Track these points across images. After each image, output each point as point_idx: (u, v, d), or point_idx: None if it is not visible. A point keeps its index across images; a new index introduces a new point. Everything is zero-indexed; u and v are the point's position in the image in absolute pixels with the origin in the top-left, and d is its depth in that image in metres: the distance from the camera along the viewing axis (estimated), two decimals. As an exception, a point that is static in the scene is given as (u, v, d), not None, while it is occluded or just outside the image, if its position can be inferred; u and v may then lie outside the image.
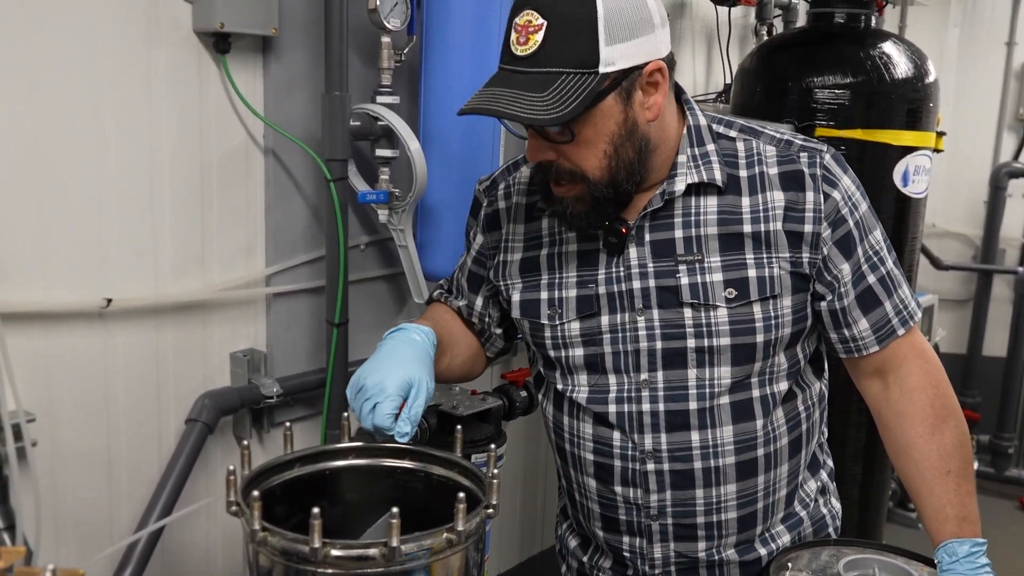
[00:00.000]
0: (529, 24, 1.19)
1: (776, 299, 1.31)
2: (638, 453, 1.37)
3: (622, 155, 1.25)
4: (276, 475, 1.35)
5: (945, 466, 1.32)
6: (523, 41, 1.19)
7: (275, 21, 1.86)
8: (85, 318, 1.74)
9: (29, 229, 1.64)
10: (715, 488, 1.36)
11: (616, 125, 1.23)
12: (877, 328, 1.35)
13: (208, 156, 1.88)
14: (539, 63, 1.18)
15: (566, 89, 1.17)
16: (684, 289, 1.31)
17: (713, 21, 3.30)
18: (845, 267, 1.32)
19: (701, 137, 1.33)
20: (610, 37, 1.18)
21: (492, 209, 1.48)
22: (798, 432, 1.41)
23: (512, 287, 1.44)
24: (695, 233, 1.32)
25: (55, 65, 1.63)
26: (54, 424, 1.72)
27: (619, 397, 1.36)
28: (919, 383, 1.35)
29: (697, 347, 1.32)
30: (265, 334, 2.05)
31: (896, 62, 2.41)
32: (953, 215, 4.75)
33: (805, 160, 1.31)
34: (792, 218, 1.30)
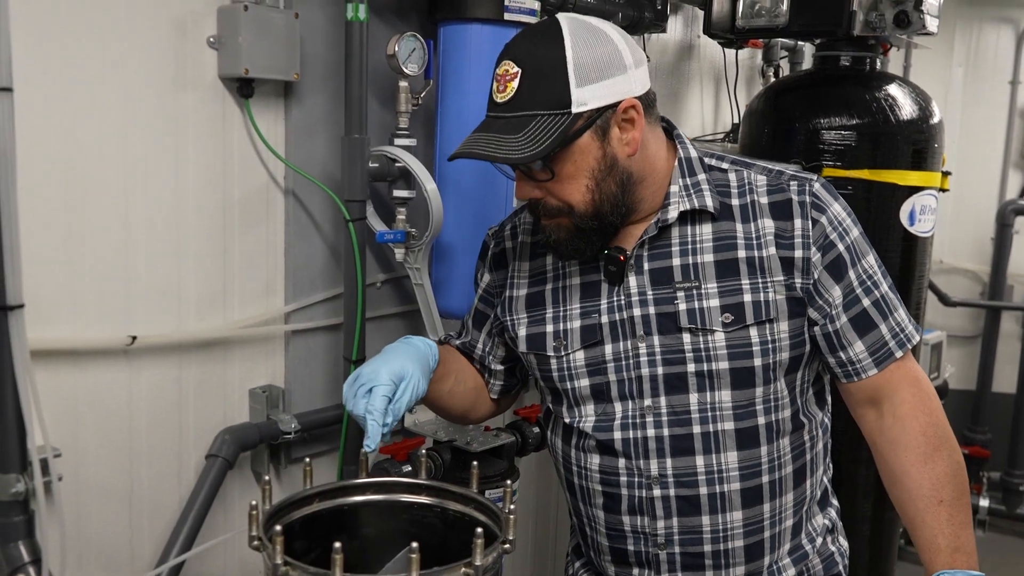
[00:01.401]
0: (507, 73, 1.30)
1: (772, 323, 1.35)
2: (644, 479, 1.40)
3: (604, 189, 1.33)
4: (296, 510, 1.38)
5: (937, 495, 1.34)
6: (502, 89, 1.30)
7: (297, 67, 1.92)
8: (110, 355, 1.78)
9: (58, 267, 1.69)
10: (721, 515, 1.39)
11: (595, 161, 1.31)
12: (874, 351, 1.38)
13: (231, 197, 1.94)
14: (515, 107, 1.28)
15: (540, 129, 1.26)
16: (682, 315, 1.35)
17: (720, 62, 3.37)
18: (836, 291, 1.36)
19: (692, 168, 1.40)
20: (580, 79, 1.27)
21: (499, 249, 1.55)
22: (802, 461, 1.44)
23: (518, 323, 1.49)
24: (692, 260, 1.37)
25: (87, 109, 1.69)
26: (78, 459, 1.75)
27: (623, 424, 1.40)
28: (911, 411, 1.37)
29: (697, 371, 1.36)
30: (283, 371, 2.09)
31: (901, 104, 2.46)
32: (960, 252, 4.79)
33: (795, 188, 1.37)
34: (782, 244, 1.35)
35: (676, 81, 3.25)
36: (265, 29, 1.83)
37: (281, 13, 1.88)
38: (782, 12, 2.48)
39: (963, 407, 4.56)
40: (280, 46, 1.87)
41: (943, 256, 4.71)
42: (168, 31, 1.79)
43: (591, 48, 1.28)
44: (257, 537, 1.25)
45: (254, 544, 1.25)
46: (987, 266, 4.68)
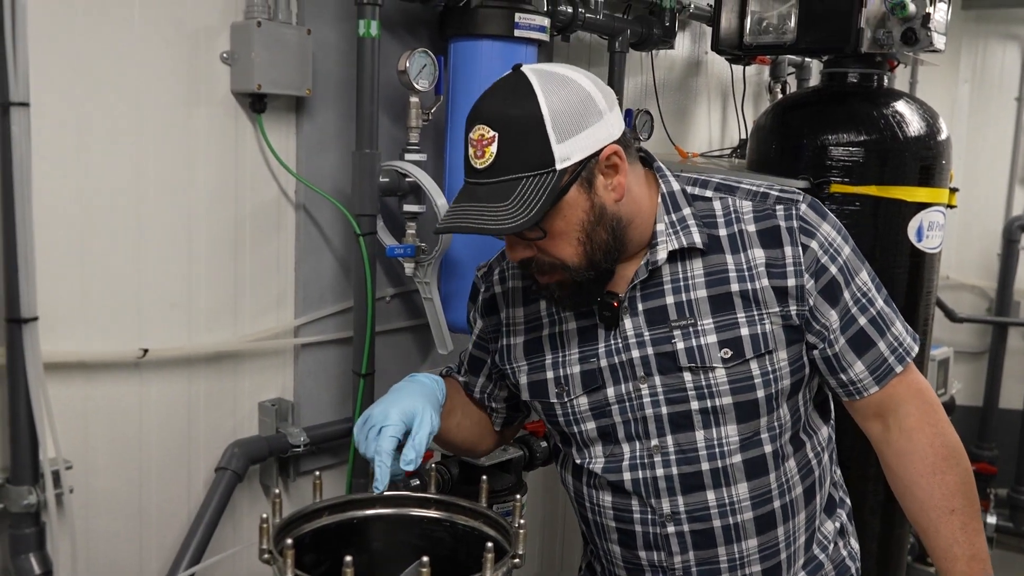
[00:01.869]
0: (482, 138, 1.24)
1: (771, 354, 1.34)
2: (657, 517, 1.39)
3: (596, 239, 1.30)
4: (306, 523, 1.38)
5: (949, 505, 1.34)
6: (480, 155, 1.25)
7: (309, 82, 1.93)
8: (122, 368, 1.79)
9: (71, 280, 1.70)
10: (736, 544, 1.39)
11: (584, 213, 1.28)
12: (874, 369, 1.37)
13: (242, 211, 1.95)
14: (497, 173, 1.23)
15: (527, 193, 1.22)
16: (681, 354, 1.34)
17: (728, 78, 3.39)
18: (832, 315, 1.35)
19: (676, 202, 1.37)
20: (560, 135, 1.23)
21: (489, 294, 1.53)
22: (811, 479, 1.44)
23: (518, 371, 1.47)
24: (685, 298, 1.35)
25: (101, 124, 1.71)
26: (89, 472, 1.76)
27: (632, 464, 1.39)
28: (917, 423, 1.37)
29: (701, 408, 1.35)
30: (293, 384, 2.09)
31: (909, 120, 2.47)
32: (967, 268, 4.78)
33: (781, 213, 1.34)
34: (774, 274, 1.33)
35: (684, 97, 3.27)
36: (278, 45, 1.85)
37: (294, 29, 1.89)
38: (790, 29, 2.50)
39: (970, 423, 4.54)
40: (292, 62, 1.88)
41: (950, 272, 4.71)
42: (182, 47, 1.80)
43: (565, 100, 1.24)
44: (268, 550, 1.25)
45: (265, 557, 1.25)
46: (994, 282, 4.68)
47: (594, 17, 2.44)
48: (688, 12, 2.92)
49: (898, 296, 2.52)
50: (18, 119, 1.51)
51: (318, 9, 1.97)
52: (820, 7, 2.43)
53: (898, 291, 2.52)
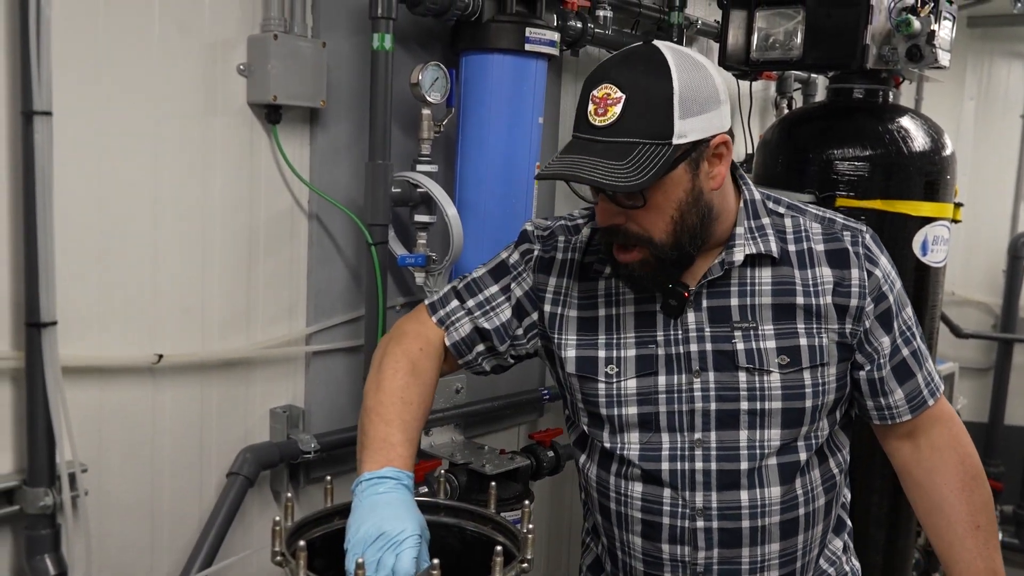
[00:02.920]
0: (608, 97, 1.26)
1: (824, 367, 1.39)
2: (688, 510, 1.41)
3: (687, 220, 1.32)
4: (317, 527, 1.40)
5: (975, 521, 1.39)
6: (602, 112, 1.26)
7: (323, 94, 1.97)
8: (137, 373, 1.82)
9: (89, 287, 1.73)
10: (760, 547, 1.41)
11: (684, 192, 1.31)
12: (911, 398, 1.43)
13: (256, 220, 1.98)
14: (617, 133, 1.25)
15: (643, 158, 1.24)
16: (740, 354, 1.38)
17: (734, 93, 3.41)
18: (885, 340, 1.41)
19: (756, 211, 1.42)
20: (683, 112, 1.26)
21: (549, 256, 1.49)
22: (833, 493, 1.47)
23: (567, 343, 1.47)
24: (750, 302, 1.39)
25: (120, 133, 1.75)
26: (103, 475, 1.79)
27: (672, 455, 1.41)
28: (948, 442, 1.44)
29: (750, 409, 1.38)
30: (304, 391, 2.12)
31: (914, 136, 2.49)
32: (972, 284, 4.79)
33: (848, 239, 1.41)
34: (840, 292, 1.38)
35: (691, 112, 3.30)
36: (293, 57, 1.89)
37: (309, 42, 1.93)
38: (796, 45, 2.52)
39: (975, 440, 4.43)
40: (308, 74, 1.92)
41: (955, 288, 4.72)
42: (200, 58, 1.84)
43: (694, 81, 1.27)
44: (280, 553, 1.27)
45: (277, 559, 1.27)
46: (999, 298, 4.69)
47: (603, 32, 2.48)
48: (695, 28, 2.95)
49: (903, 310, 2.54)
50: (41, 127, 1.55)
51: (333, 22, 2.01)
52: (826, 24, 2.46)
53: (921, 325, 2.54)
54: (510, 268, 1.52)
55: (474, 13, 2.05)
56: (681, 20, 2.79)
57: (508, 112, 2.12)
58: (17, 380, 1.65)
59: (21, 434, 1.66)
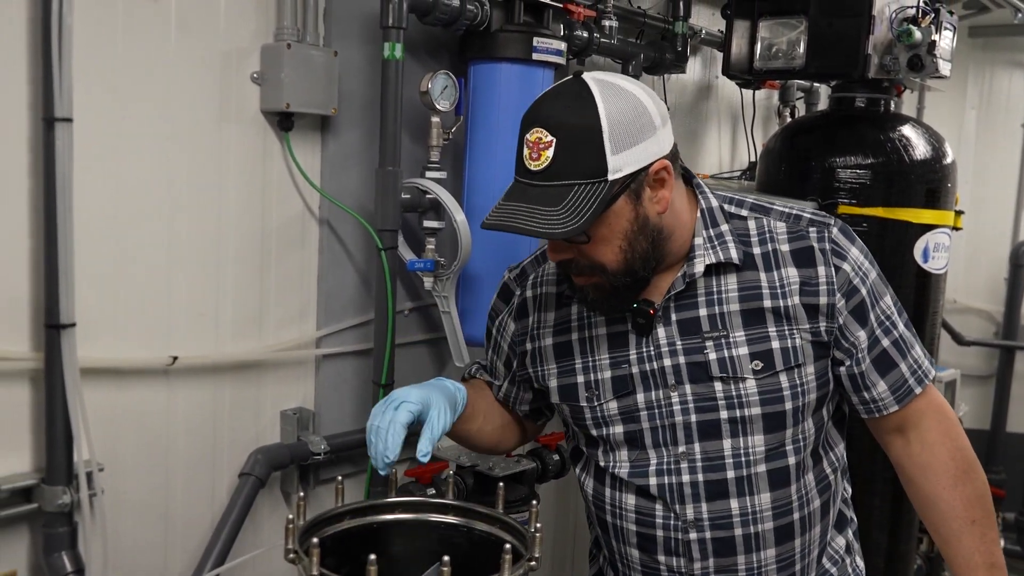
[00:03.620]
0: (539, 141, 1.27)
1: (800, 368, 1.39)
2: (680, 523, 1.43)
3: (636, 248, 1.33)
4: (328, 526, 1.42)
5: (970, 515, 1.39)
6: (535, 157, 1.27)
7: (335, 102, 2.01)
8: (152, 374, 1.85)
9: (106, 290, 1.77)
10: (756, 553, 1.42)
11: (628, 223, 1.31)
12: (895, 389, 1.42)
13: (268, 225, 2.02)
14: (552, 177, 1.26)
15: (579, 200, 1.25)
16: (713, 364, 1.38)
17: (738, 102, 3.45)
18: (861, 334, 1.40)
19: (715, 218, 1.41)
20: (615, 147, 1.26)
21: (522, 299, 1.55)
22: (828, 493, 1.48)
23: (548, 374, 1.50)
24: (718, 311, 1.39)
25: (137, 139, 1.79)
26: (118, 474, 1.82)
27: (659, 470, 1.43)
28: (938, 437, 1.43)
29: (730, 418, 1.39)
30: (314, 393, 2.15)
31: (915, 144, 2.53)
32: (974, 292, 4.82)
33: (814, 235, 1.39)
34: (807, 292, 1.38)
35: (694, 120, 3.34)
36: (306, 66, 1.93)
37: (321, 51, 1.97)
38: (799, 55, 2.56)
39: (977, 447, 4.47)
40: (320, 82, 1.96)
41: (957, 296, 4.74)
42: (214, 67, 1.88)
43: (623, 113, 1.27)
44: (293, 550, 1.30)
45: (290, 557, 1.30)
46: (1001, 306, 4.71)
47: (609, 42, 2.51)
48: (699, 38, 2.99)
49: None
50: (62, 133, 1.59)
51: (345, 32, 2.05)
52: (828, 34, 2.50)
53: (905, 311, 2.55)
54: (495, 325, 1.60)
55: (482, 23, 2.09)
56: (685, 30, 2.83)
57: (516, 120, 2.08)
58: (36, 380, 1.69)
59: (40, 433, 1.70)
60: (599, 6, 2.50)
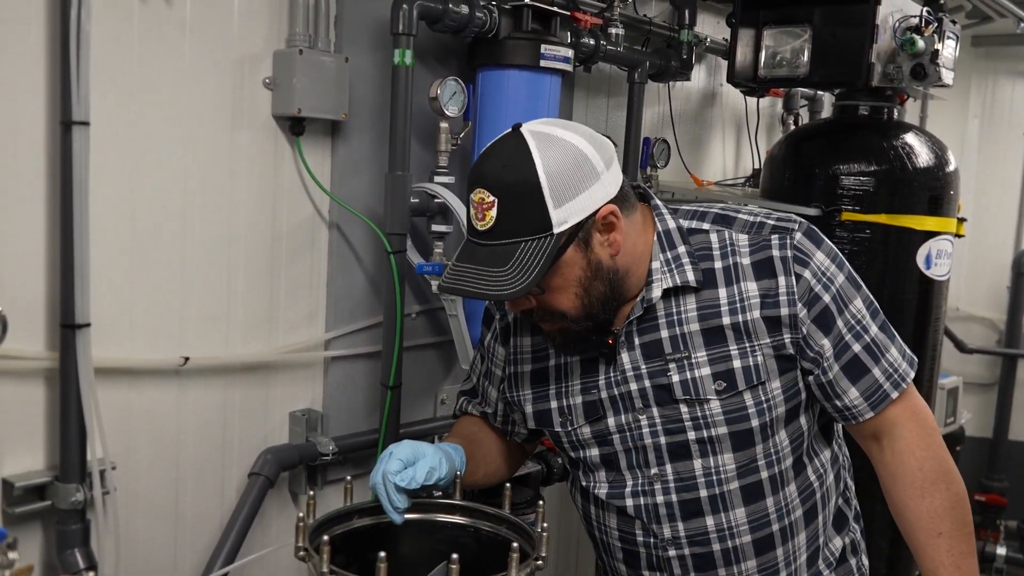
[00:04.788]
0: (483, 202, 1.28)
1: (764, 385, 1.37)
2: (659, 541, 1.45)
3: (593, 292, 1.34)
4: (337, 525, 1.45)
5: (936, 528, 1.36)
6: (481, 217, 1.29)
7: (345, 107, 2.03)
8: (164, 375, 1.88)
9: (120, 291, 1.79)
10: (736, 565, 1.44)
11: (581, 270, 1.32)
12: (868, 395, 1.38)
13: (279, 228, 2.05)
14: (497, 236, 1.28)
15: (526, 256, 1.26)
16: (676, 387, 1.39)
17: (742, 110, 3.48)
18: (825, 342, 1.37)
19: (672, 240, 1.40)
20: (557, 200, 1.26)
21: (505, 323, 1.57)
22: (812, 501, 1.47)
23: (524, 399, 1.53)
24: (679, 331, 1.39)
25: (151, 144, 1.81)
26: (130, 473, 1.84)
27: (634, 491, 1.45)
28: (908, 446, 1.39)
29: (698, 438, 1.40)
30: (323, 395, 2.18)
31: (918, 152, 2.55)
32: (977, 300, 4.84)
33: (776, 243, 1.37)
34: (768, 304, 1.36)
35: (699, 127, 3.37)
36: (317, 72, 1.96)
37: (333, 57, 2.00)
38: (803, 63, 2.59)
39: (980, 455, 4.57)
40: (331, 88, 1.99)
41: (960, 304, 4.76)
42: (227, 72, 1.91)
43: (562, 164, 1.26)
44: (303, 547, 1.32)
45: (300, 554, 1.32)
46: (1003, 314, 4.73)
47: (615, 49, 2.54)
48: (704, 45, 3.02)
49: (907, 323, 2.59)
50: (79, 137, 1.62)
51: (356, 39, 2.08)
52: (832, 42, 2.53)
53: (907, 318, 2.58)
54: (485, 350, 1.62)
55: (491, 30, 2.12)
56: (691, 38, 2.86)
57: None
58: (51, 380, 1.71)
59: (54, 432, 1.72)
60: (606, 14, 2.53)
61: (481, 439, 1.62)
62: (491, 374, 1.61)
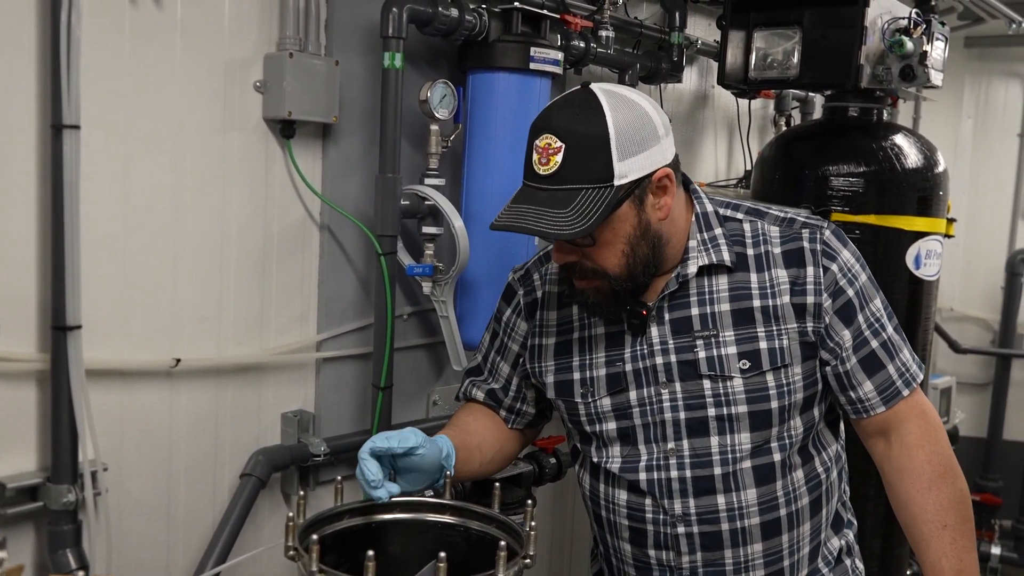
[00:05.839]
0: (549, 147, 1.34)
1: (787, 368, 1.43)
2: (668, 517, 1.47)
3: (638, 252, 1.39)
4: (327, 525, 1.46)
5: (941, 520, 1.41)
6: (544, 162, 1.34)
7: (336, 110, 2.05)
8: (155, 376, 1.89)
9: (112, 293, 1.81)
10: (742, 548, 1.46)
11: (632, 227, 1.38)
12: (882, 390, 1.46)
13: (270, 230, 2.06)
14: (560, 181, 1.33)
15: (586, 203, 1.32)
16: (702, 362, 1.43)
17: (734, 111, 3.49)
18: (846, 334, 1.44)
19: (709, 223, 1.47)
20: (621, 154, 1.33)
21: (531, 298, 1.61)
22: (818, 492, 1.51)
23: (546, 370, 1.56)
24: (709, 310, 1.45)
25: (142, 146, 1.82)
26: (122, 474, 1.85)
27: (648, 465, 1.47)
28: (918, 441, 1.45)
29: (717, 415, 1.44)
30: (314, 396, 2.19)
31: (907, 153, 2.56)
32: (971, 300, 4.85)
33: (807, 236, 1.45)
34: (796, 292, 1.43)
35: (691, 129, 3.38)
36: (308, 75, 1.97)
37: (323, 60, 2.01)
38: (793, 65, 2.60)
39: (975, 455, 4.58)
40: (321, 91, 2.00)
41: (954, 304, 4.77)
42: (218, 76, 1.92)
43: (629, 122, 1.33)
44: (293, 547, 1.33)
45: (290, 554, 1.33)
46: (997, 314, 4.74)
47: (605, 52, 2.55)
48: (695, 47, 3.03)
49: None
50: (70, 140, 1.63)
51: (346, 42, 2.09)
52: (822, 44, 2.54)
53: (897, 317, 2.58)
54: (502, 325, 1.65)
55: (481, 33, 2.13)
56: (681, 40, 2.87)
57: (513, 128, 2.19)
58: (42, 381, 1.72)
59: (45, 433, 1.73)
60: (596, 17, 2.54)
61: (476, 429, 1.63)
62: (506, 349, 1.64)
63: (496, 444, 1.65)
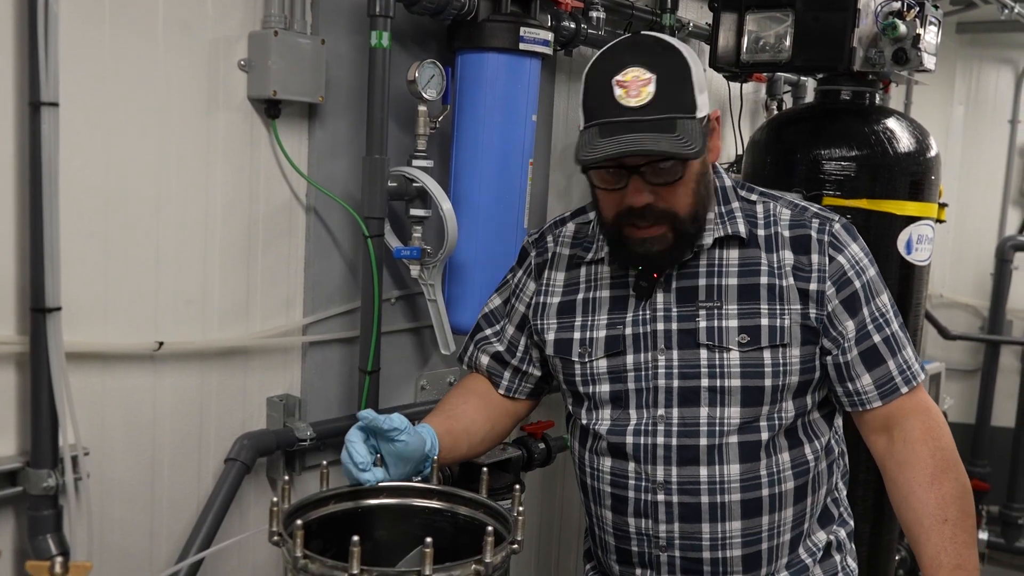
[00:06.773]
0: (638, 79, 1.34)
1: (785, 348, 1.43)
2: (650, 484, 1.47)
3: (703, 192, 1.43)
4: (313, 510, 1.44)
5: (943, 514, 1.39)
6: (636, 93, 1.34)
7: (322, 90, 2.01)
8: (138, 360, 1.86)
9: (93, 275, 1.78)
10: (720, 524, 1.46)
11: (703, 164, 1.42)
12: (880, 384, 1.46)
13: (256, 213, 2.03)
14: (658, 110, 1.33)
15: (686, 130, 1.33)
16: (701, 332, 1.44)
17: (725, 95, 3.46)
18: (850, 324, 1.44)
19: (727, 196, 1.50)
20: (699, 87, 1.37)
21: (542, 259, 1.62)
22: (804, 479, 1.50)
23: (548, 327, 1.57)
24: (716, 282, 1.46)
25: (125, 126, 1.79)
26: (104, 459, 1.83)
27: (636, 430, 1.48)
28: (921, 436, 1.44)
29: (710, 386, 1.44)
30: (300, 380, 2.16)
31: (899, 137, 2.55)
32: (961, 286, 4.86)
33: (816, 226, 1.47)
34: (800, 277, 1.44)
35: (682, 113, 3.35)
36: (293, 54, 1.93)
37: (309, 39, 1.98)
38: (785, 48, 2.58)
39: (962, 440, 4.56)
40: (307, 70, 1.96)
41: (944, 290, 4.78)
42: (202, 54, 1.89)
43: (695, 62, 1.39)
44: (277, 532, 1.32)
45: (274, 539, 1.31)
46: (987, 301, 4.75)
47: (596, 33, 2.53)
48: (687, 30, 3.01)
49: (888, 307, 2.59)
50: (48, 118, 1.59)
51: (332, 20, 2.06)
52: (815, 27, 2.52)
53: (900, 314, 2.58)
54: (511, 287, 1.66)
55: (470, 12, 2.10)
56: (673, 22, 2.85)
57: (502, 109, 2.17)
58: (22, 364, 1.69)
59: (25, 417, 1.70)
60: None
61: (464, 412, 1.61)
62: (514, 311, 1.64)
63: (487, 425, 1.64)
